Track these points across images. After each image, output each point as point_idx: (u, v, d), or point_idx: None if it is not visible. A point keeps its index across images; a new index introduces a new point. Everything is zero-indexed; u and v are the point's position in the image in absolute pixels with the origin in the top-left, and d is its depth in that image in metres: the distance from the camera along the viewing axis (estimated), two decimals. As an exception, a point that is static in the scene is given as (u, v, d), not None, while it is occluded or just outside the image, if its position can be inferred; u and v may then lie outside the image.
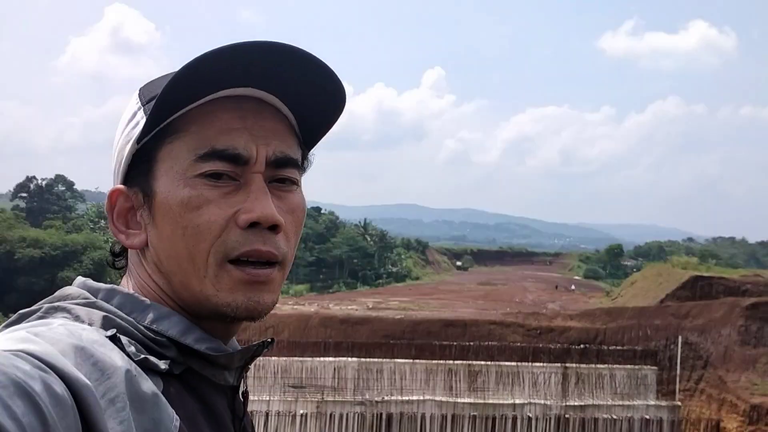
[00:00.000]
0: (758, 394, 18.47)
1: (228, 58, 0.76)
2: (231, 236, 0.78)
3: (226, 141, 0.79)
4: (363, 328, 22.63)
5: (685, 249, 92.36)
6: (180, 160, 0.79)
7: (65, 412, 0.56)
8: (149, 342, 0.76)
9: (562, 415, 13.96)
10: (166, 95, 0.76)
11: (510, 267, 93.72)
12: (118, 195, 0.84)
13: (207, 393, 0.80)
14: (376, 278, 66.29)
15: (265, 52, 0.78)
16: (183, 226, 0.78)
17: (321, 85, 0.83)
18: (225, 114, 0.80)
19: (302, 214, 0.86)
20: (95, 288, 0.80)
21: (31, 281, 44.96)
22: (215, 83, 0.79)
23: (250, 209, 0.78)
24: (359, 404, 15.29)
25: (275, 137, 0.82)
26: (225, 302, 0.79)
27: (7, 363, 0.55)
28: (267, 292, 0.81)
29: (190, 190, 0.78)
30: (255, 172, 0.80)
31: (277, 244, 0.80)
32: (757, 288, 28.00)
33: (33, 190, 72.12)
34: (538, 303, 38.72)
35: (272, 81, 0.81)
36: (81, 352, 0.64)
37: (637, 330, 23.05)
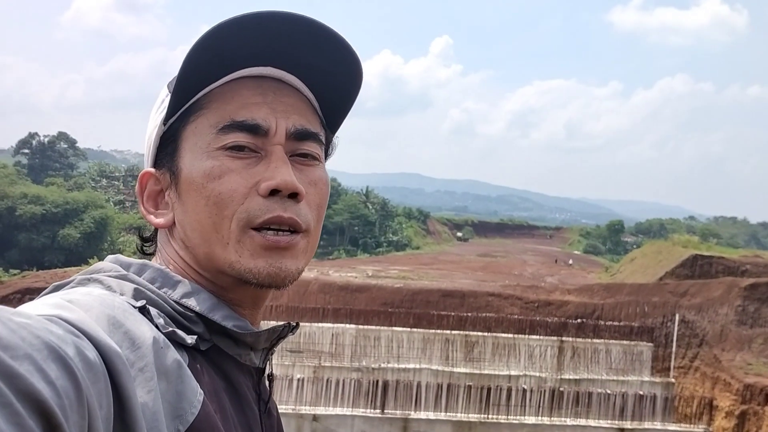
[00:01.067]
0: (752, 373, 18.59)
1: (242, 32, 0.78)
2: (253, 204, 0.80)
3: (245, 113, 0.81)
4: (362, 295, 22.71)
5: (686, 227, 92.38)
6: (203, 135, 0.82)
7: (97, 377, 0.56)
8: (178, 316, 0.77)
9: (557, 388, 14.06)
10: (185, 73, 0.78)
11: (510, 240, 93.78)
12: (148, 178, 0.88)
13: (232, 372, 0.81)
14: (376, 246, 66.45)
15: (280, 22, 0.79)
16: (206, 195, 0.80)
17: (338, 58, 0.84)
18: (245, 91, 0.82)
19: (325, 188, 0.87)
20: (127, 263, 0.82)
21: (32, 237, 45.11)
22: (236, 62, 0.81)
23: (270, 177, 0.80)
24: (356, 371, 15.41)
25: (295, 112, 0.84)
26: (247, 268, 0.80)
27: (41, 327, 0.55)
28: (289, 257, 0.82)
29: (212, 161, 0.80)
30: (275, 143, 0.82)
31: (299, 211, 0.82)
32: (756, 269, 28.04)
33: (35, 146, 72.05)
34: (536, 276, 38.82)
35: (291, 60, 0.83)
36: (113, 320, 0.66)
37: (634, 306, 23.14)
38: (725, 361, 19.86)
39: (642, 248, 45.47)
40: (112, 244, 48.23)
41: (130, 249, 43.27)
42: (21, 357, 0.50)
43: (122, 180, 75.50)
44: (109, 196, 65.76)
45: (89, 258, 34.19)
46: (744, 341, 20.62)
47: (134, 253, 3.70)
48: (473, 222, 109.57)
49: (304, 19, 0.80)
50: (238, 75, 0.82)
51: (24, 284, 23.16)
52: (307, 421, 12.31)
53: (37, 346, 0.52)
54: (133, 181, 75.49)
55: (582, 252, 78.17)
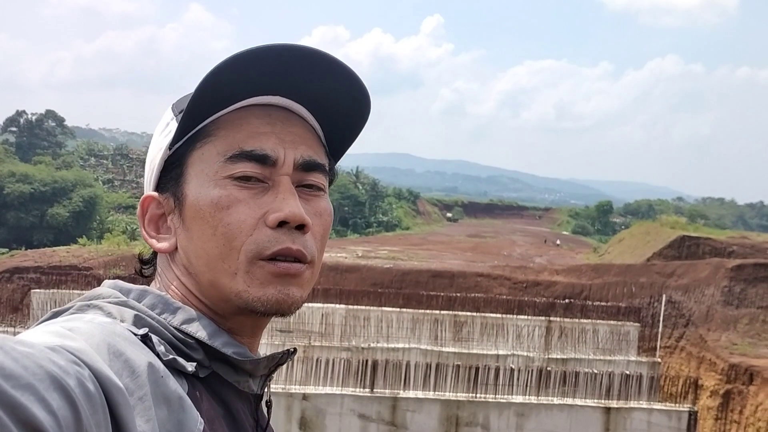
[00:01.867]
0: (737, 353, 18.82)
1: (255, 62, 0.79)
2: (261, 236, 0.80)
3: (254, 143, 0.81)
4: (352, 275, 22.78)
5: (674, 208, 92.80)
6: (210, 162, 0.81)
7: (96, 408, 0.57)
8: (178, 343, 0.77)
9: (544, 368, 14.18)
10: (197, 99, 0.79)
11: (500, 220, 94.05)
12: (150, 202, 0.87)
13: (231, 399, 0.81)
14: (366, 227, 66.44)
15: (292, 55, 0.80)
16: (213, 225, 0.80)
17: (346, 91, 0.85)
18: (254, 120, 0.83)
19: (329, 219, 0.88)
20: (127, 288, 0.81)
21: (20, 216, 44.85)
22: (245, 90, 0.81)
23: (278, 208, 0.80)
24: (346, 350, 15.49)
25: (303, 142, 0.85)
26: (256, 296, 0.80)
27: (43, 357, 0.55)
28: (296, 285, 0.82)
29: (220, 191, 0.80)
30: (283, 174, 0.82)
31: (306, 243, 0.82)
32: (743, 250, 28.32)
33: (23, 124, 71.31)
34: (525, 257, 39.02)
35: (300, 89, 0.84)
36: (113, 348, 0.66)
37: (622, 287, 23.33)
38: (711, 341, 20.09)
39: (630, 229, 45.75)
40: (101, 223, 48.03)
41: (119, 228, 43.10)
42: (23, 387, 0.50)
43: (111, 159, 74.97)
44: (98, 174, 65.33)
45: (78, 237, 34.02)
46: (730, 321, 20.86)
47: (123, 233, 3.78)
48: (463, 202, 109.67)
49: (316, 52, 0.80)
50: (246, 103, 0.83)
51: (12, 263, 23.06)
52: (297, 400, 12.38)
53: (39, 376, 0.52)
54: (122, 159, 74.99)
55: (571, 232, 78.50)
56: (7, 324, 16.23)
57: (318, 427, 12.47)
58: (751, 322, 20.72)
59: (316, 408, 12.47)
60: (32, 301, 17.39)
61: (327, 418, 12.50)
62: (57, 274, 19.89)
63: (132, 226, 46.84)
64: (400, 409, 12.73)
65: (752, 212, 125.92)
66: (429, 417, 12.81)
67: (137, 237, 39.64)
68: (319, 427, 12.47)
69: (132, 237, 37.79)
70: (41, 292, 17.49)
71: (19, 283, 20.87)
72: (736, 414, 17.52)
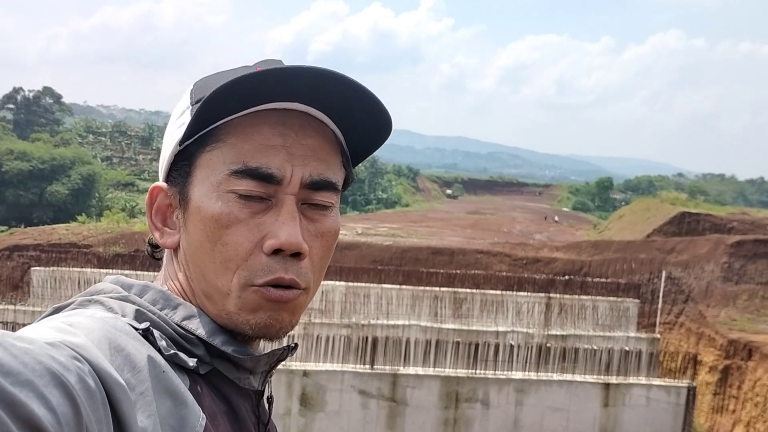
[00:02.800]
0: (736, 329, 18.88)
1: (278, 78, 0.76)
2: (256, 263, 0.78)
3: (261, 159, 0.78)
4: (352, 253, 22.79)
5: (674, 184, 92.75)
6: (216, 171, 0.79)
7: (96, 404, 0.56)
8: (179, 338, 0.77)
9: (544, 344, 14.22)
10: (207, 105, 0.76)
11: (500, 197, 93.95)
12: (159, 192, 0.85)
13: (232, 395, 0.80)
14: (365, 204, 66.47)
15: (316, 77, 0.76)
16: (212, 240, 0.79)
17: (368, 112, 0.82)
18: (266, 129, 0.79)
19: (333, 238, 0.85)
20: (128, 284, 0.80)
21: (19, 194, 44.79)
22: (261, 97, 0.78)
23: (275, 234, 0.78)
24: (346, 327, 15.52)
25: (314, 158, 0.81)
26: (245, 321, 0.79)
27: (43, 353, 0.54)
28: (287, 312, 0.81)
29: (222, 206, 0.78)
30: (288, 193, 0.79)
31: (300, 271, 0.80)
32: (743, 226, 28.30)
33: (20, 101, 71.00)
34: (525, 233, 39.04)
35: (320, 99, 0.80)
36: (114, 344, 0.66)
37: (621, 263, 23.36)
38: (710, 317, 20.15)
39: (630, 205, 45.74)
40: (100, 201, 48.00)
41: (118, 205, 43.09)
42: (22, 383, 0.50)
43: (109, 136, 74.78)
44: (96, 152, 65.19)
45: (77, 214, 33.99)
46: (729, 297, 20.90)
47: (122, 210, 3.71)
48: (463, 179, 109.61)
49: (342, 77, 0.77)
50: (262, 107, 0.79)
51: (12, 241, 23.07)
52: (297, 376, 12.43)
53: (38, 372, 0.52)
54: (120, 136, 74.80)
55: (571, 209, 78.48)
56: (7, 302, 16.25)
57: (319, 404, 12.53)
58: (751, 298, 20.76)
59: (316, 384, 12.52)
60: (32, 279, 17.41)
61: (327, 395, 12.56)
62: (57, 251, 19.90)
63: (131, 203, 46.83)
64: (400, 385, 12.79)
65: (752, 188, 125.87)
66: (429, 393, 12.87)
67: (136, 214, 39.64)
68: (320, 404, 12.53)
69: (131, 214, 37.80)
70: (41, 269, 17.51)
71: (18, 261, 20.89)
72: (734, 389, 17.62)
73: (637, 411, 13.21)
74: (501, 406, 13.02)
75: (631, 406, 13.20)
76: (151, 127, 79.92)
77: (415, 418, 12.79)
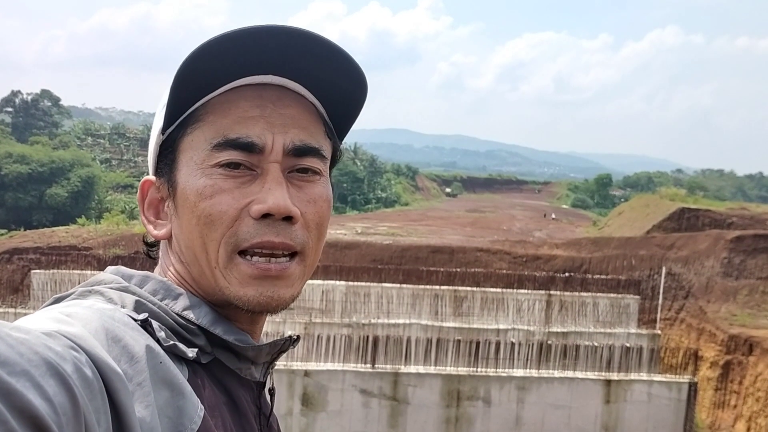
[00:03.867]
0: (737, 324, 18.88)
1: (242, 43, 0.75)
2: (243, 227, 0.77)
3: (240, 130, 0.78)
4: (351, 252, 22.78)
5: (673, 180, 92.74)
6: (198, 150, 0.79)
7: (94, 394, 0.56)
8: (179, 328, 0.76)
9: (545, 341, 14.22)
10: (179, 83, 0.76)
11: (499, 195, 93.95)
12: (149, 186, 0.85)
13: (233, 386, 0.80)
14: (365, 203, 66.40)
15: (282, 34, 0.76)
16: (197, 215, 0.78)
17: (342, 69, 0.81)
18: (244, 102, 0.79)
19: (326, 205, 0.84)
20: (129, 274, 0.80)
21: (18, 197, 44.75)
22: (234, 71, 0.77)
23: (262, 200, 0.77)
24: (346, 326, 15.52)
25: (295, 125, 0.81)
26: (236, 295, 0.78)
27: (39, 343, 0.54)
28: (282, 286, 0.80)
29: (205, 180, 0.78)
30: (272, 161, 0.79)
31: (293, 234, 0.79)
32: (742, 221, 28.28)
33: (18, 104, 70.96)
34: (525, 231, 39.02)
35: (293, 68, 0.79)
36: (111, 334, 0.66)
37: (621, 260, 23.36)
38: (710, 312, 20.15)
39: (630, 202, 45.73)
40: (99, 203, 47.94)
41: (118, 207, 43.06)
42: (18, 373, 0.50)
43: (108, 138, 74.66)
44: (95, 154, 65.08)
45: (77, 217, 33.97)
46: (729, 293, 20.90)
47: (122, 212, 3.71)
48: (462, 177, 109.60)
49: (309, 33, 0.77)
50: (237, 84, 0.79)
51: (11, 244, 23.05)
52: (298, 376, 12.43)
53: (35, 362, 0.52)
54: (119, 138, 74.70)
55: (570, 206, 78.45)
56: (7, 305, 16.24)
57: (320, 403, 12.53)
58: (751, 293, 20.76)
59: (317, 384, 12.52)
60: (32, 282, 17.41)
61: (329, 394, 12.56)
62: (57, 254, 19.90)
63: (131, 205, 46.79)
64: (401, 384, 12.79)
65: (751, 183, 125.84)
66: (430, 392, 12.87)
67: (136, 216, 39.58)
68: (322, 403, 12.54)
69: (131, 216, 37.75)
70: (41, 272, 17.51)
71: (18, 264, 20.87)
72: (735, 384, 17.62)
73: (639, 407, 13.22)
74: (502, 404, 13.02)
75: (633, 403, 13.21)
76: (149, 129, 78.67)
77: (416, 417, 12.79)
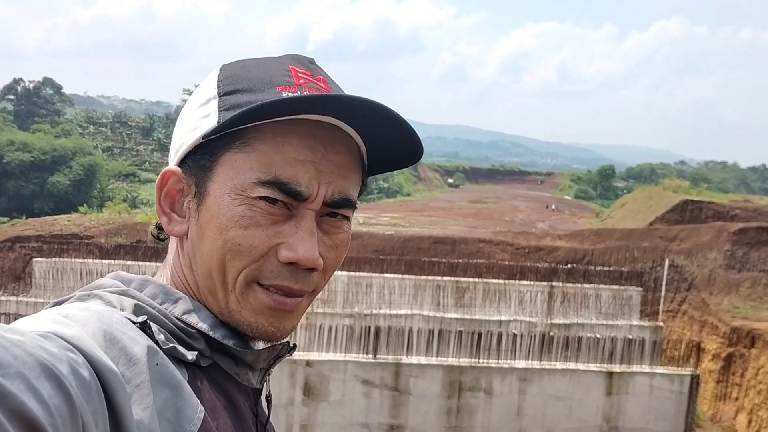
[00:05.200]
0: (739, 317, 18.86)
1: (322, 102, 0.76)
2: (267, 265, 0.78)
3: (291, 174, 0.77)
4: (353, 243, 22.67)
5: (676, 172, 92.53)
6: (241, 174, 0.77)
7: (91, 395, 0.56)
8: (179, 332, 0.76)
9: (547, 333, 14.20)
10: (246, 112, 0.74)
11: (501, 185, 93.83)
12: (171, 176, 0.83)
13: (231, 390, 0.80)
14: (367, 193, 66.34)
15: (358, 104, 0.76)
16: (225, 239, 0.78)
17: (401, 140, 0.82)
18: (297, 141, 0.78)
19: (345, 250, 0.86)
20: (128, 278, 0.80)
21: (20, 185, 44.77)
22: (296, 109, 0.76)
23: (293, 247, 0.78)
24: (348, 317, 15.50)
25: (340, 175, 0.81)
26: (246, 321, 0.80)
27: (34, 344, 0.54)
28: (289, 318, 0.82)
29: (244, 209, 0.77)
30: (310, 209, 0.79)
31: (310, 281, 0.81)
32: (745, 213, 28.21)
33: (20, 92, 70.91)
34: (527, 222, 38.98)
35: (355, 120, 0.79)
36: (109, 336, 0.65)
37: (624, 251, 23.32)
38: (713, 304, 20.13)
39: (633, 193, 45.63)
40: (101, 192, 47.96)
41: (120, 196, 43.05)
42: (12, 375, 0.49)
43: (110, 126, 74.65)
44: (97, 142, 65.07)
45: (79, 205, 33.97)
46: (732, 285, 20.87)
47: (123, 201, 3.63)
48: (464, 168, 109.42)
49: (383, 107, 0.76)
50: (294, 117, 0.77)
51: (14, 232, 23.06)
52: (300, 366, 12.42)
53: (29, 364, 0.51)
54: (121, 127, 74.66)
55: (573, 197, 78.37)
56: (9, 293, 16.25)
57: (322, 393, 12.53)
58: (753, 285, 20.73)
59: (319, 374, 12.52)
60: (34, 270, 17.40)
61: (331, 384, 12.56)
62: (58, 242, 19.87)
63: (132, 194, 46.79)
64: (403, 374, 12.78)
65: (755, 176, 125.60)
66: (432, 382, 12.86)
67: (138, 205, 39.64)
68: (323, 393, 12.54)
69: (133, 205, 37.77)
70: (43, 260, 17.49)
71: (20, 252, 20.87)
72: (737, 377, 17.62)
73: (641, 399, 13.21)
74: (504, 395, 13.01)
75: (635, 395, 13.19)
76: (151, 118, 79.72)
77: (418, 408, 12.79)
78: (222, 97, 0.80)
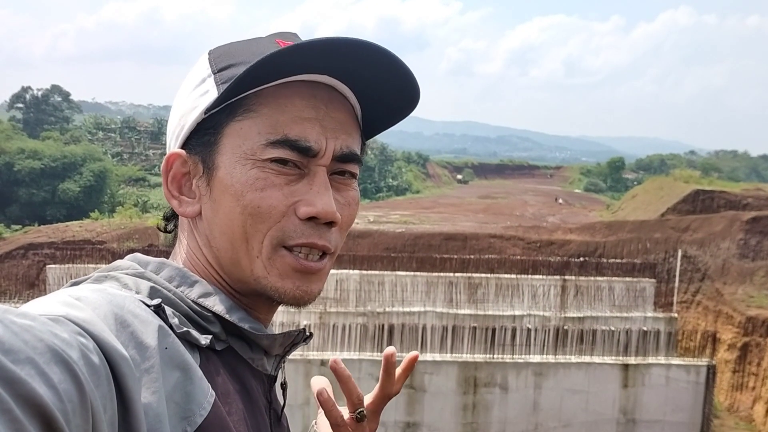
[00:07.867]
0: (754, 306, 18.75)
1: (316, 50, 0.77)
2: (289, 225, 0.79)
3: (299, 131, 0.79)
4: (364, 241, 22.76)
5: (687, 162, 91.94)
6: (249, 140, 0.79)
7: (101, 380, 0.56)
8: (194, 315, 0.77)
9: (561, 327, 14.17)
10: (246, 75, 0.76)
11: (511, 180, 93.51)
12: (176, 159, 0.84)
13: (246, 375, 0.80)
14: (376, 192, 66.34)
15: (351, 47, 0.77)
16: (243, 204, 0.78)
17: (397, 86, 0.83)
18: (299, 101, 0.80)
19: (357, 208, 0.88)
20: (145, 261, 0.81)
21: (31, 192, 45.00)
22: (293, 67, 0.78)
23: (311, 202, 0.79)
24: (361, 315, 15.51)
25: (343, 131, 0.83)
26: (274, 286, 0.80)
27: (44, 329, 0.54)
28: (315, 281, 0.83)
29: (257, 172, 0.78)
30: (320, 164, 0.81)
31: (331, 237, 0.82)
32: (757, 202, 28.02)
33: (29, 100, 71.26)
34: (538, 216, 38.87)
35: (350, 74, 0.81)
36: (120, 319, 0.65)
37: (636, 243, 23.21)
38: (727, 294, 20.01)
39: (643, 185, 45.38)
40: (112, 197, 48.16)
41: (130, 201, 43.25)
42: (22, 361, 0.49)
43: (118, 132, 74.95)
44: (107, 148, 65.38)
45: (90, 211, 34.15)
46: (746, 274, 20.74)
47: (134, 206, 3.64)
48: (473, 164, 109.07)
49: (374, 45, 0.77)
50: (291, 78, 0.80)
51: (26, 239, 23.20)
52: (315, 366, 12.43)
53: (39, 350, 0.51)
54: (129, 132, 74.97)
55: (583, 190, 78.07)
56: (23, 300, 16.34)
57: (337, 392, 12.54)
58: (767, 274, 20.59)
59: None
60: (48, 277, 17.50)
61: (345, 383, 12.59)
62: (71, 249, 19.99)
63: (143, 198, 47.00)
64: (418, 372, 12.78)
65: (766, 164, 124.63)
66: (447, 379, 12.86)
67: (149, 209, 39.78)
68: (338, 392, 12.55)
69: (144, 209, 37.91)
70: (56, 267, 17.60)
71: (34, 259, 21.02)
72: (753, 366, 17.52)
73: (657, 391, 13.16)
74: (520, 390, 12.99)
75: (651, 387, 13.15)
76: (160, 122, 79.99)
77: (433, 404, 12.79)
78: (217, 73, 0.81)
